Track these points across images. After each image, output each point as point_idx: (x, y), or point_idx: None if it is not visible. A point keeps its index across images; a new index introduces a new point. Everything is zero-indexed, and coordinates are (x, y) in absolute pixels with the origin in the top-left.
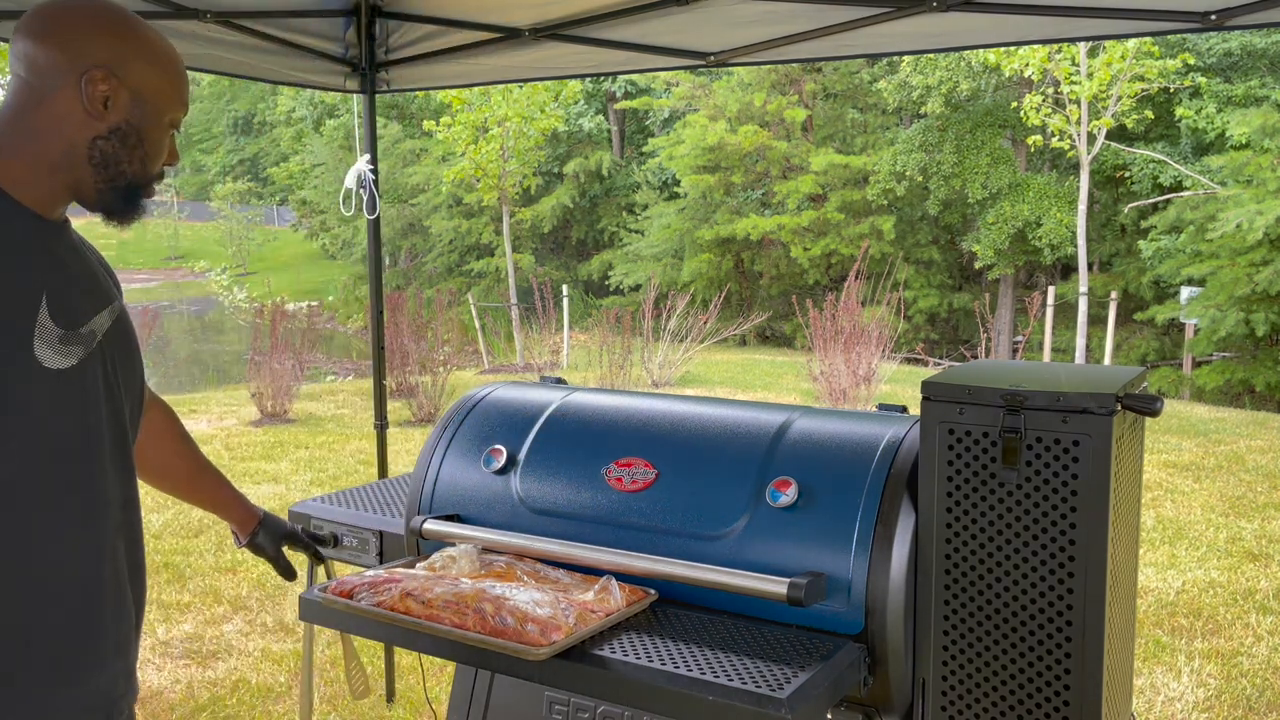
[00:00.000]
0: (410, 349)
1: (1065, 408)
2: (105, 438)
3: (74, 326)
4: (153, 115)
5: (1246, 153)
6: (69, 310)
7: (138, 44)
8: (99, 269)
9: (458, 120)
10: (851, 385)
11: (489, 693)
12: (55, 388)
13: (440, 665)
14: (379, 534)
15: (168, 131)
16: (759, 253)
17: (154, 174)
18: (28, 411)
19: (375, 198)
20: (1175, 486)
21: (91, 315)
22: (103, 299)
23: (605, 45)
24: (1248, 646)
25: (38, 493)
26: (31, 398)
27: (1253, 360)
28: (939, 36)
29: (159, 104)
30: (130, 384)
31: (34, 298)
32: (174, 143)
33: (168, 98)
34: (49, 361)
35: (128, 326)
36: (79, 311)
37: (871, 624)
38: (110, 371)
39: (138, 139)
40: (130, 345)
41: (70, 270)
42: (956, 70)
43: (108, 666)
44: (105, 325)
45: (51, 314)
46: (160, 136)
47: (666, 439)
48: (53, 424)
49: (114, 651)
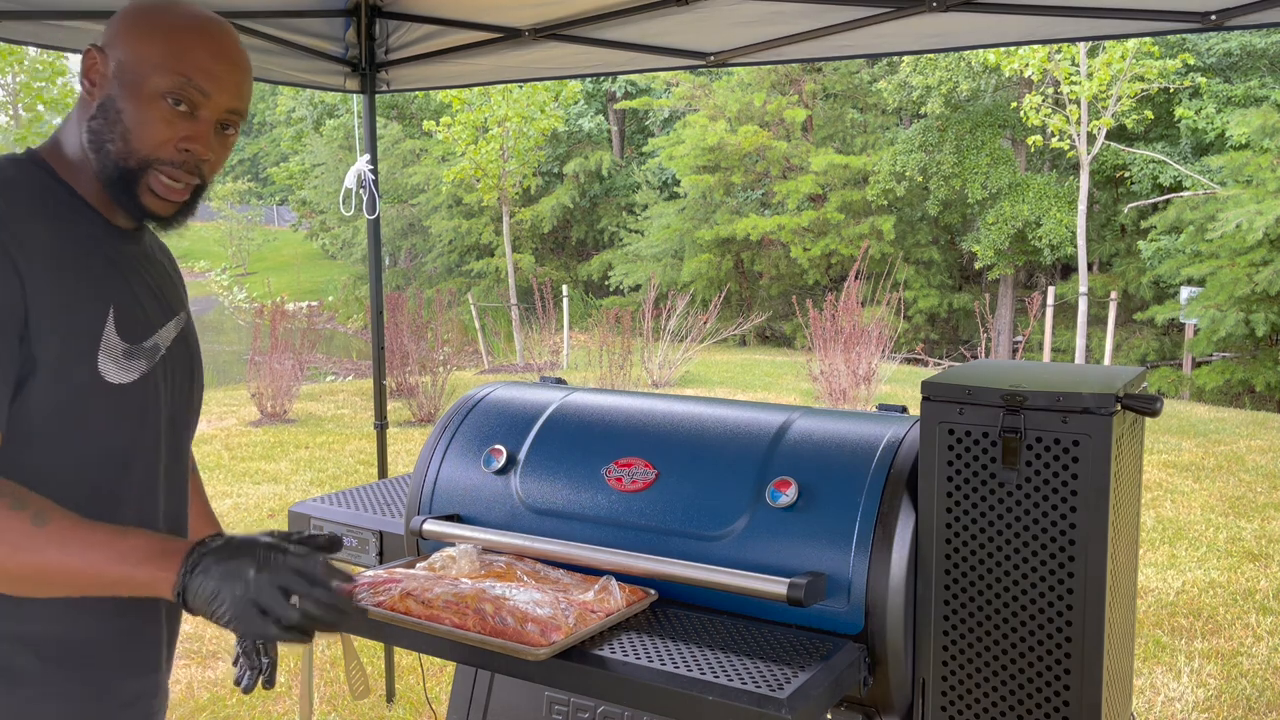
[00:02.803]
0: (410, 349)
1: (1065, 408)
2: (161, 453)
3: (139, 340)
4: (132, 84)
5: (1246, 153)
6: (136, 324)
7: (136, 18)
8: (172, 276)
9: (458, 120)
10: (851, 385)
11: (489, 693)
12: (115, 402)
13: (440, 665)
14: (379, 534)
15: (159, 105)
16: (759, 253)
17: (146, 154)
18: (86, 426)
19: (375, 198)
20: (1175, 486)
21: (158, 328)
22: (170, 309)
23: (605, 45)
24: (1248, 646)
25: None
26: (91, 412)
27: (1253, 360)
28: (939, 36)
29: (140, 71)
30: (190, 398)
31: (100, 311)
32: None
33: (151, 65)
34: (111, 376)
35: (192, 337)
36: (146, 325)
37: (871, 624)
38: (170, 385)
39: (116, 113)
40: (193, 357)
41: (140, 280)
42: (956, 70)
43: (148, 677)
44: (170, 337)
45: (118, 328)
46: (146, 110)
47: (666, 439)
48: (111, 438)
49: (155, 664)
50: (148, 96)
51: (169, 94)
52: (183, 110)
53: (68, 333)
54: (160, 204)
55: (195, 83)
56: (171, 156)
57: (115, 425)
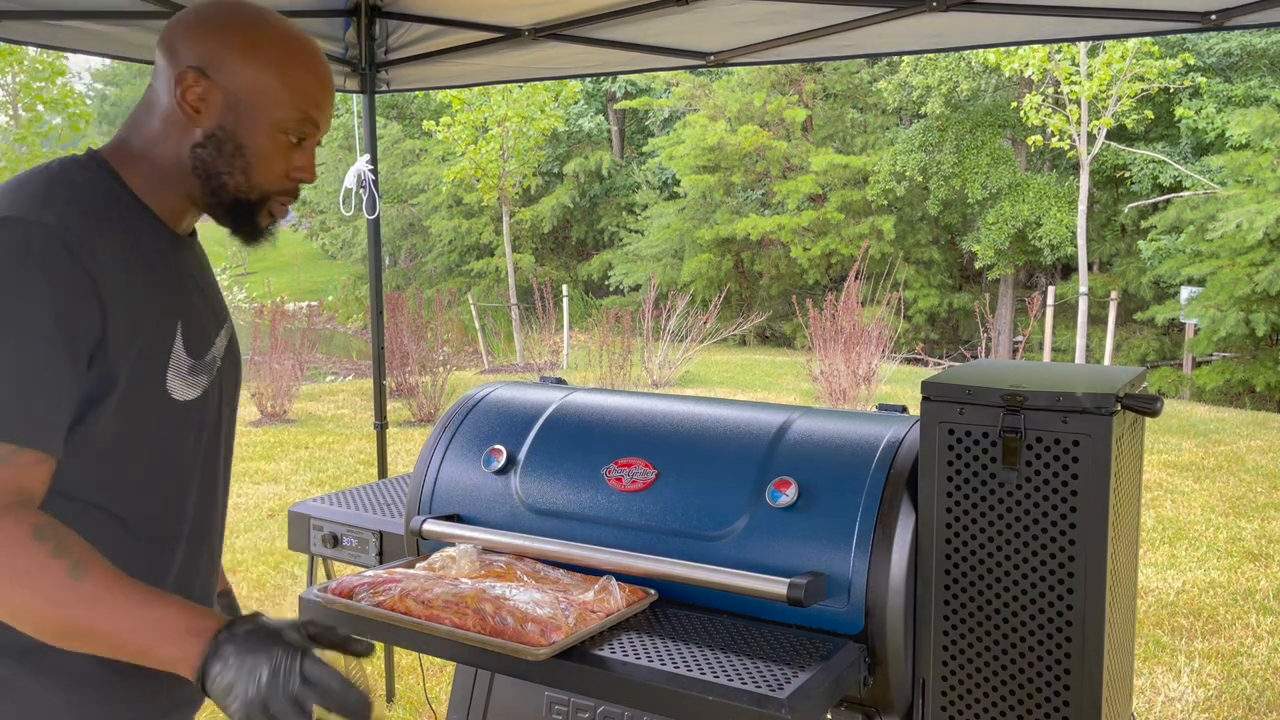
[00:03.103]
0: (410, 349)
1: (1065, 408)
2: (219, 464)
3: (202, 355)
4: (251, 120)
5: (1246, 153)
6: (199, 338)
7: (237, 40)
8: (216, 286)
9: (458, 120)
10: (851, 385)
11: (489, 693)
12: (180, 418)
13: (440, 665)
14: (379, 534)
15: (279, 140)
16: (759, 253)
17: (266, 188)
18: (154, 443)
19: (375, 198)
20: (1175, 486)
21: (214, 340)
22: (221, 316)
23: (605, 45)
24: (1248, 646)
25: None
26: (158, 429)
27: (1253, 360)
28: (939, 36)
29: (259, 107)
30: (235, 404)
31: (170, 327)
32: (306, 156)
33: (272, 100)
34: (178, 394)
35: (234, 340)
36: (206, 338)
37: (871, 624)
38: (222, 396)
39: (235, 147)
40: (238, 364)
41: (198, 289)
42: (956, 70)
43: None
44: (223, 347)
45: (185, 344)
46: (266, 145)
47: (666, 439)
48: (177, 455)
49: None
50: (269, 132)
51: (290, 130)
52: (294, 141)
53: (142, 351)
54: (272, 223)
55: (311, 117)
56: (286, 186)
57: (180, 441)
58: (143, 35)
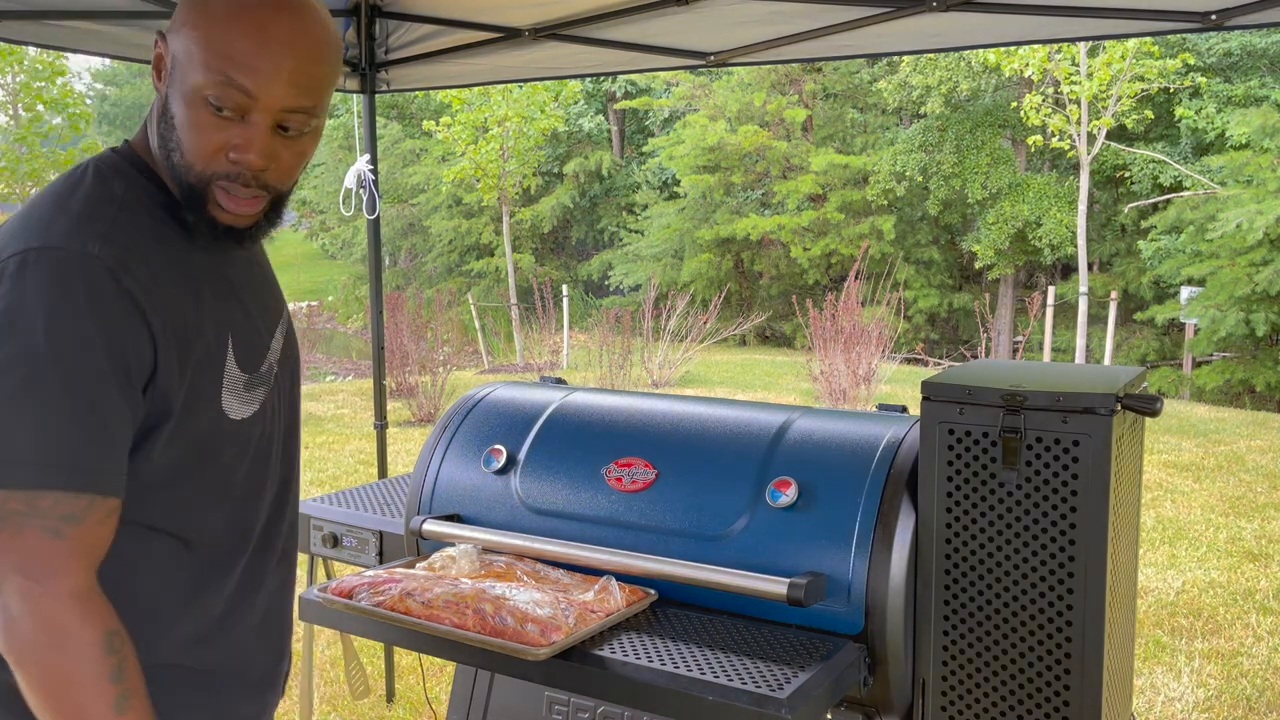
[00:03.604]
0: (410, 349)
1: (1065, 408)
2: (286, 472)
3: (257, 368)
4: (180, 84)
5: (1246, 153)
6: (253, 349)
7: (197, 5)
8: (273, 282)
9: (458, 120)
10: (851, 385)
11: (489, 693)
12: (238, 437)
13: (440, 665)
14: (379, 534)
15: (201, 109)
16: (759, 253)
17: (200, 168)
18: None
19: (375, 198)
20: (1175, 486)
21: (269, 345)
22: (276, 316)
23: (605, 45)
24: (1248, 646)
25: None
26: (217, 451)
27: (1253, 360)
28: (939, 36)
29: (186, 68)
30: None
31: (221, 344)
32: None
33: (193, 62)
34: (234, 413)
35: (293, 341)
36: (261, 347)
37: (871, 624)
38: (281, 401)
39: (169, 118)
40: (295, 364)
41: (252, 293)
42: (956, 70)
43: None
44: (279, 350)
45: (238, 359)
46: (189, 113)
47: (666, 439)
48: (237, 473)
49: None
50: (191, 100)
51: (211, 96)
52: (228, 115)
53: (195, 375)
54: (233, 218)
55: (236, 81)
56: (224, 168)
57: (239, 458)
58: (143, 35)
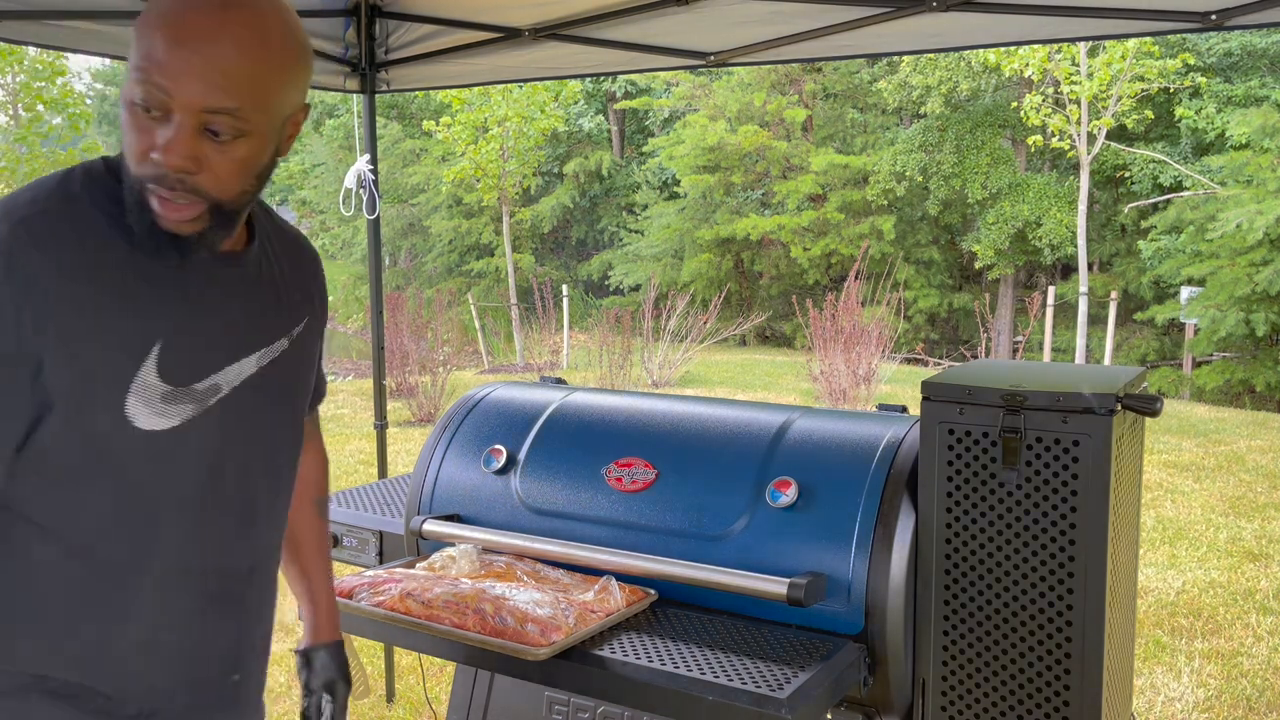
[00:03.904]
0: (410, 349)
1: (1065, 408)
2: (205, 502)
3: (187, 382)
4: (123, 89)
5: (1246, 153)
6: (188, 363)
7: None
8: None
9: (458, 120)
10: (851, 385)
11: (489, 693)
12: (147, 448)
13: (440, 665)
14: (379, 534)
15: (132, 111)
16: (759, 253)
17: (134, 171)
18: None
19: (375, 198)
20: (1175, 486)
21: (222, 366)
22: (258, 340)
23: (605, 45)
24: (1248, 646)
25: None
26: (117, 457)
27: (1253, 360)
28: (939, 36)
29: (128, 74)
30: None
31: (138, 350)
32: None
33: (130, 64)
34: (142, 422)
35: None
36: (203, 364)
37: (871, 624)
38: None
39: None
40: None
41: (219, 311)
42: (956, 70)
43: None
44: (244, 374)
45: (161, 369)
46: (126, 116)
47: (666, 439)
48: (149, 488)
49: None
50: (126, 103)
51: (138, 99)
52: (155, 115)
53: (85, 373)
54: (172, 225)
55: (153, 79)
56: (150, 171)
57: (153, 473)
58: None
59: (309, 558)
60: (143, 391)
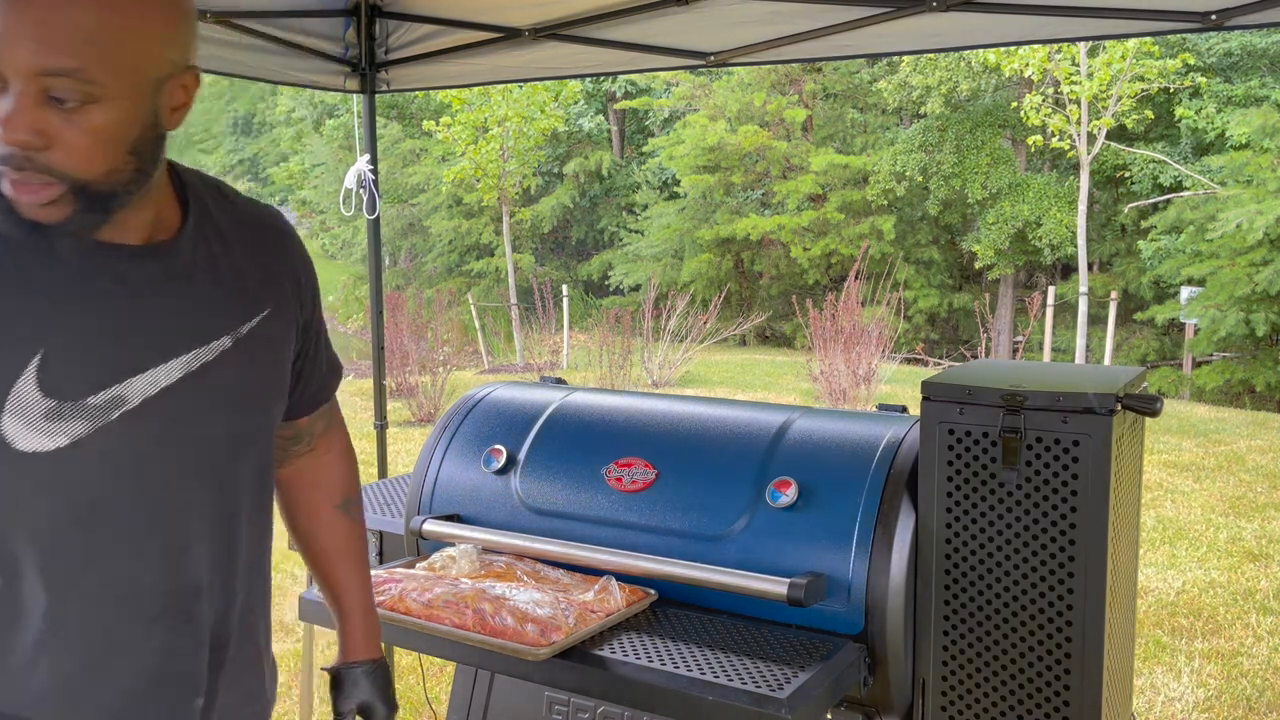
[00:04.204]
0: (410, 349)
1: (1065, 408)
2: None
3: (79, 396)
4: None
5: (1246, 153)
6: (79, 374)
7: None
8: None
9: (458, 120)
10: (851, 385)
11: (489, 693)
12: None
13: (440, 665)
14: (379, 534)
15: None
16: (759, 253)
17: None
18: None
19: (375, 198)
20: (1175, 486)
21: (125, 375)
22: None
23: (605, 45)
24: (1248, 646)
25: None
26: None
27: (1253, 360)
28: (939, 36)
29: None
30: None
31: (15, 358)
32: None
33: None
34: (23, 442)
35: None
36: (98, 376)
37: (871, 624)
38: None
39: None
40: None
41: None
42: (956, 70)
43: None
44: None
45: (41, 381)
46: None
47: (666, 439)
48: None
49: None
50: None
51: None
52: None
53: None
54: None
55: None
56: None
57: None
58: None
59: (334, 565)
60: (19, 408)
